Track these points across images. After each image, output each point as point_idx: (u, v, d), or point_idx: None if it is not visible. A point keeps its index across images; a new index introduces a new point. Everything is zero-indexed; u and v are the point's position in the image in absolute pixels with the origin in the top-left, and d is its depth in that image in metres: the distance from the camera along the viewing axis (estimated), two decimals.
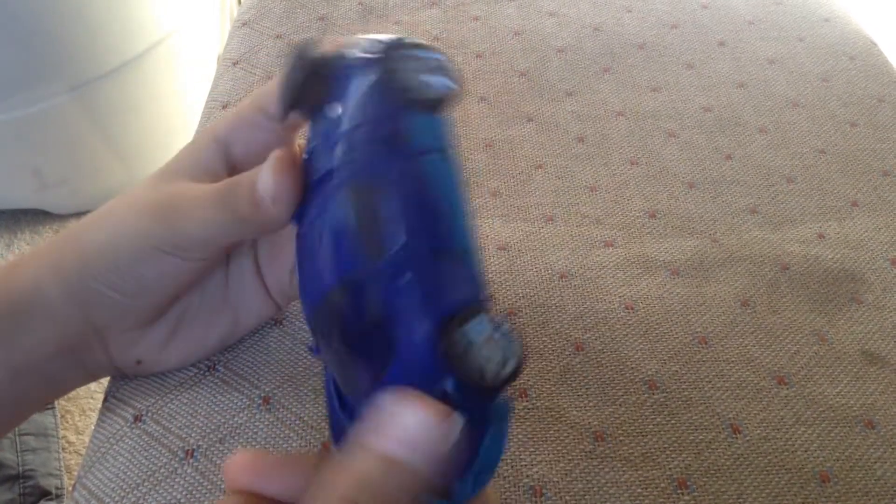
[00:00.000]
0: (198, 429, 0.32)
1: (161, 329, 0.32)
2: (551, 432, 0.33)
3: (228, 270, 0.33)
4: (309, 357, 0.35)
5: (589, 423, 0.33)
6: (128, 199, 0.29)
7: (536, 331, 0.37)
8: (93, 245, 0.29)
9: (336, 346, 0.23)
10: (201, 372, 0.34)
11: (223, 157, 0.30)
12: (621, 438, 0.33)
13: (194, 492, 0.30)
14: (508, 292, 0.38)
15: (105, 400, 0.34)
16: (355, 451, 0.19)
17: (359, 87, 0.23)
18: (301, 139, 0.30)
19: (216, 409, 0.33)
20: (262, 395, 0.33)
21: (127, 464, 0.31)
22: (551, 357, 0.36)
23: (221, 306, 0.34)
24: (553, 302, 0.38)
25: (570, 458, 0.32)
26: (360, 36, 0.25)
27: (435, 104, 0.23)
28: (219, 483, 0.31)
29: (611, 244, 0.41)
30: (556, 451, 0.32)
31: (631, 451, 0.32)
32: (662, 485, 0.31)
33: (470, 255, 0.22)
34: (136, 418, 0.33)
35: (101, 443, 0.33)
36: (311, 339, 0.23)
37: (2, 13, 0.90)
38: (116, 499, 0.30)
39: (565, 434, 0.33)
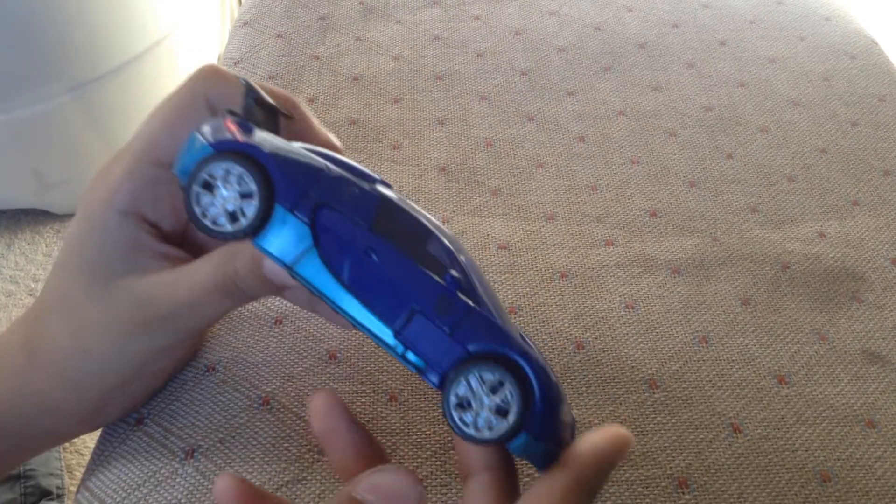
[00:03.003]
0: (198, 429, 0.32)
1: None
2: None
3: None
4: (308, 356, 0.35)
5: (589, 421, 0.33)
6: (92, 321, 0.28)
7: (537, 329, 0.37)
8: (89, 378, 0.29)
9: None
10: (201, 373, 0.34)
11: (143, 228, 0.28)
12: None
13: (195, 492, 0.30)
14: (509, 291, 0.38)
15: None
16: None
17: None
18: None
19: (216, 409, 0.33)
20: (262, 395, 0.33)
21: (129, 465, 0.31)
22: (551, 356, 0.36)
23: None
24: (553, 301, 0.38)
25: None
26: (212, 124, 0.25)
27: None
28: None
29: (611, 243, 0.41)
30: None
31: (631, 450, 0.32)
32: (663, 484, 0.31)
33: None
34: (138, 420, 0.33)
35: (104, 446, 0.33)
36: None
37: (2, 13, 0.90)
38: (118, 500, 0.30)
39: None
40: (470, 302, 0.23)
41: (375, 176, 0.25)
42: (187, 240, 0.30)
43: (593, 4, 0.59)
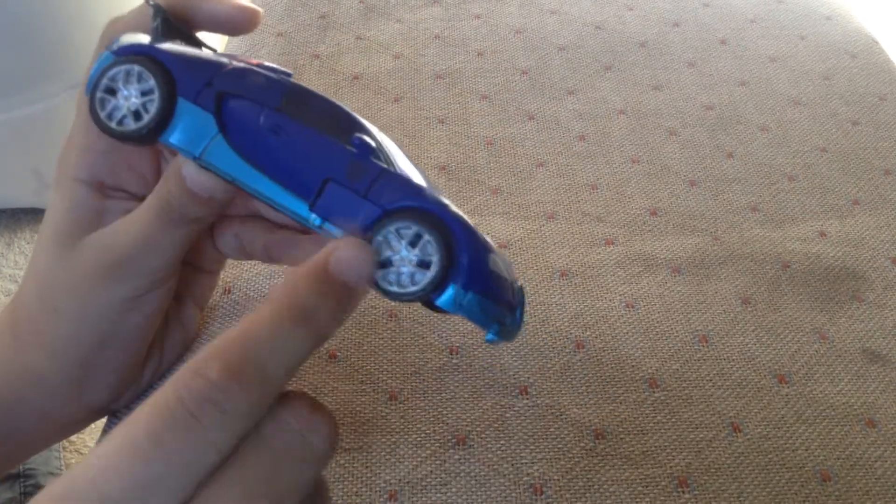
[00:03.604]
0: None
1: (151, 366, 0.34)
2: (552, 430, 0.33)
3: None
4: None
5: (589, 420, 0.33)
6: (59, 281, 0.28)
7: (537, 328, 0.37)
8: (63, 341, 0.29)
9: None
10: None
11: (107, 194, 0.29)
12: (622, 436, 0.33)
13: None
14: None
15: None
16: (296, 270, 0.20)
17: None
18: None
19: None
20: None
21: None
22: (552, 355, 0.36)
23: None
24: (554, 300, 0.38)
25: (570, 455, 0.32)
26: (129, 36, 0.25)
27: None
28: None
29: (612, 242, 0.41)
30: (556, 449, 0.32)
31: (631, 449, 0.32)
32: (663, 483, 0.31)
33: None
34: None
35: None
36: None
37: (2, 13, 0.90)
38: None
39: (566, 432, 0.33)
40: (382, 164, 0.23)
41: (282, 69, 0.25)
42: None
43: (594, 3, 0.58)
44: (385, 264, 0.22)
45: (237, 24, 0.28)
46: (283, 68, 0.25)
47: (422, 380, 0.34)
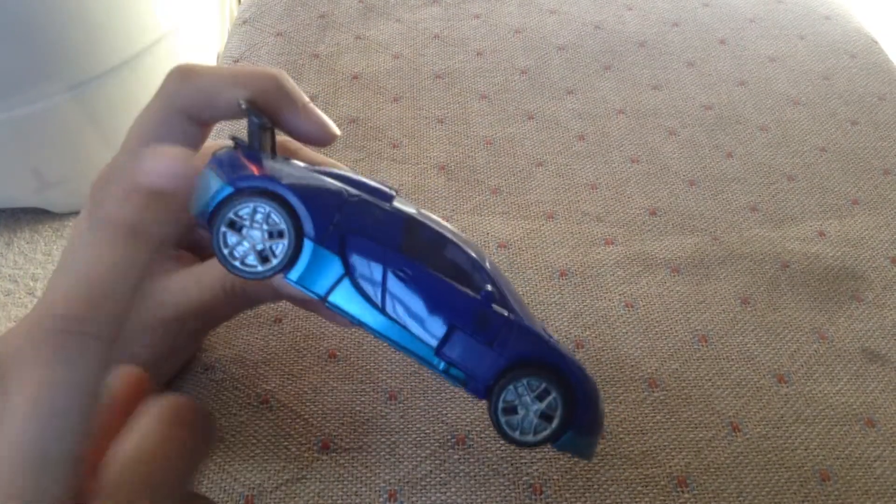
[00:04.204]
0: None
1: None
2: None
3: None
4: (308, 355, 0.35)
5: None
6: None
7: None
8: None
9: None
10: (200, 371, 0.34)
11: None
12: (621, 436, 0.33)
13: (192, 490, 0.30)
14: None
15: None
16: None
17: None
18: None
19: (215, 408, 0.33)
20: (262, 393, 0.33)
21: None
22: None
23: None
24: (553, 300, 0.38)
25: (569, 455, 0.32)
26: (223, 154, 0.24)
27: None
28: (218, 481, 0.31)
29: (611, 242, 0.41)
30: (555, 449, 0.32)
31: (631, 448, 0.32)
32: (662, 483, 0.31)
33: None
34: None
35: None
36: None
37: (1, 13, 0.90)
38: None
39: None
40: (505, 313, 0.24)
41: (386, 189, 0.25)
42: (191, 238, 0.31)
43: (593, 3, 0.58)
44: (508, 410, 0.24)
45: (315, 142, 0.27)
46: (388, 188, 0.25)
47: (421, 379, 0.34)
